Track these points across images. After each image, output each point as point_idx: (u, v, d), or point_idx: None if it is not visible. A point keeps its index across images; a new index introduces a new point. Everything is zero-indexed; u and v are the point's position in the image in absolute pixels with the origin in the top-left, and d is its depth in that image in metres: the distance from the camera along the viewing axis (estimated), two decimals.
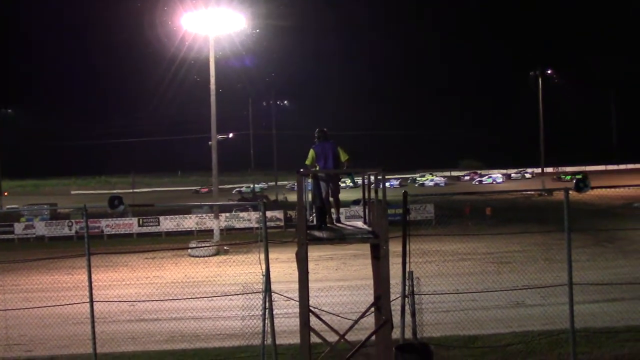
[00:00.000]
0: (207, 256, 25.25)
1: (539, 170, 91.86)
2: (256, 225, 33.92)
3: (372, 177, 8.34)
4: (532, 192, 45.35)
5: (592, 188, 8.36)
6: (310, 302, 7.27)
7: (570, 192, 8.32)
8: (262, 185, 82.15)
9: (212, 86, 29.65)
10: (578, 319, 8.47)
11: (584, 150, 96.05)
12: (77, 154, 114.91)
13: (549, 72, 57.29)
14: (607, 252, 20.33)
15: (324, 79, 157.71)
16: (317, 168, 8.75)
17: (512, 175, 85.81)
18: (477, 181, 79.58)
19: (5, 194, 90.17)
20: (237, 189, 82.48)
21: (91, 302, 8.89)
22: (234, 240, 28.98)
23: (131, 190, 63.05)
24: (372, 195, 7.95)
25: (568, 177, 77.07)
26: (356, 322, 7.95)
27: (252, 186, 71.54)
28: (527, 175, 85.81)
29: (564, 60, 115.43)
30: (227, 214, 35.63)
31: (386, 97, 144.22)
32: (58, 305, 11.51)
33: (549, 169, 74.90)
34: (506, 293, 11.49)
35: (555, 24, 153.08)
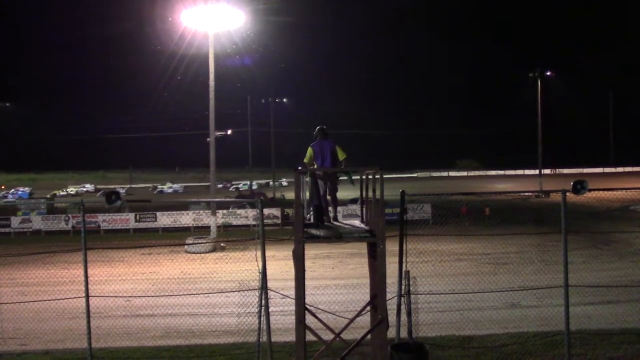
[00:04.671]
0: (203, 253, 25.21)
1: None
2: (253, 223, 33.94)
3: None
4: (530, 194, 45.59)
5: (590, 190, 8.36)
6: (306, 300, 7.27)
7: (568, 194, 8.32)
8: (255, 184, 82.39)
9: (211, 82, 29.60)
10: (573, 320, 8.49)
11: (581, 152, 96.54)
12: (75, 149, 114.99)
13: (548, 73, 57.15)
14: (603, 255, 20.34)
15: (324, 77, 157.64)
16: (315, 166, 8.75)
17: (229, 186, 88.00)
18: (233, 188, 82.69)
19: (2, 187, 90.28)
20: (235, 186, 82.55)
21: (87, 296, 8.86)
22: (231, 237, 28.96)
23: (128, 185, 62.87)
24: (370, 194, 7.95)
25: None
26: (352, 320, 7.95)
27: (249, 183, 71.57)
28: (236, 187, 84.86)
29: (564, 62, 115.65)
30: (225, 211, 35.62)
31: (385, 96, 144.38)
32: (54, 300, 11.49)
33: (547, 171, 74.94)
34: (502, 294, 11.50)
35: (555, 25, 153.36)
